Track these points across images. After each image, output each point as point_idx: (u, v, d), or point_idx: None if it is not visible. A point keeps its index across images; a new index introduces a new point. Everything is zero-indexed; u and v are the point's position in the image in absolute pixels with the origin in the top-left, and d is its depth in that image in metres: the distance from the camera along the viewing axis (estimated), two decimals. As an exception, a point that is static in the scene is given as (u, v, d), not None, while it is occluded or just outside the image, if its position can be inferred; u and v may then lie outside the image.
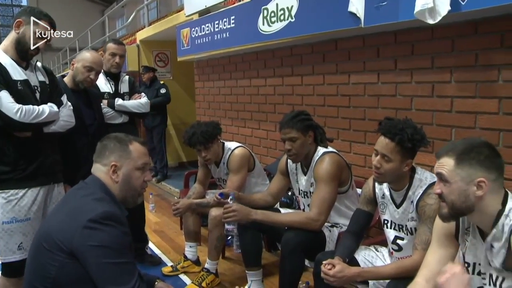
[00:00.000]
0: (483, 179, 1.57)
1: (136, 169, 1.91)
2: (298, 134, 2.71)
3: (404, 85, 3.04)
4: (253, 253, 2.97)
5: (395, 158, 2.14)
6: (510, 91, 2.45)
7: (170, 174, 7.22)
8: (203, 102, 5.86)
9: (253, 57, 4.65)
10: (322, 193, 2.64)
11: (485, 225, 1.65)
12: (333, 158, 2.71)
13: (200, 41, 5.21)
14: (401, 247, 2.33)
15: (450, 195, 1.62)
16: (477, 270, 1.75)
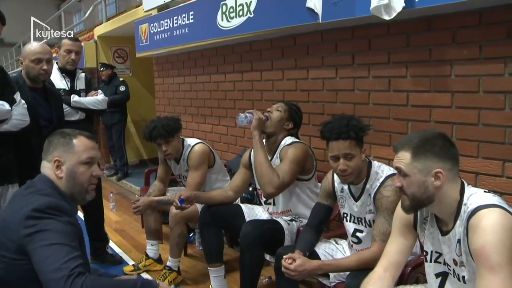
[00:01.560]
0: (440, 169, 1.62)
1: (81, 163, 1.83)
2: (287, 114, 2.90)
3: (361, 80, 3.08)
4: (215, 250, 2.96)
5: (356, 152, 2.21)
6: (462, 86, 2.52)
7: (131, 172, 7.12)
8: (162, 98, 5.80)
9: (212, 53, 4.62)
10: (285, 167, 2.69)
11: (444, 214, 1.71)
12: (301, 149, 2.78)
13: (159, 37, 5.15)
14: (361, 239, 2.38)
15: (410, 188, 1.67)
16: (435, 258, 1.81)
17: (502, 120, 2.36)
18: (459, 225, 1.64)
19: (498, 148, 2.40)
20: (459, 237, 1.64)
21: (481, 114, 2.45)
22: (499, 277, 1.48)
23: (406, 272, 2.15)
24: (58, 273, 1.54)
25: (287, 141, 2.83)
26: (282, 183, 2.63)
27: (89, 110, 3.56)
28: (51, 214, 1.64)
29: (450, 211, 1.68)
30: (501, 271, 1.48)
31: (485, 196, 1.62)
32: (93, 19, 12.48)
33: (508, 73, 2.32)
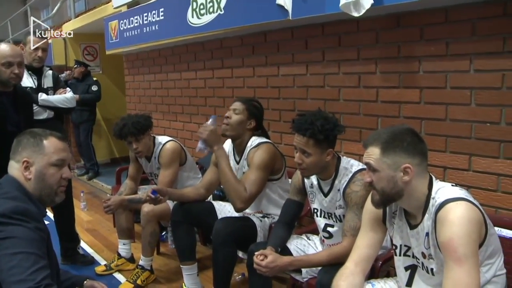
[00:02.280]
0: (408, 164, 1.64)
1: (51, 165, 1.79)
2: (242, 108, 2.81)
3: (332, 76, 3.10)
4: (187, 248, 2.95)
5: (313, 151, 2.19)
6: (430, 82, 2.57)
7: (102, 171, 7.02)
8: (133, 96, 5.74)
9: (183, 50, 4.60)
10: (253, 176, 2.66)
11: (413, 208, 1.74)
12: (268, 149, 2.74)
13: (129, 33, 5.09)
14: (332, 234, 2.39)
15: (380, 183, 1.69)
16: (404, 251, 1.84)
17: (468, 115, 2.41)
18: (428, 218, 1.67)
19: (465, 143, 2.45)
20: (427, 230, 1.68)
21: (448, 110, 2.50)
22: (465, 268, 1.51)
23: (377, 266, 2.18)
24: (23, 285, 1.49)
25: (253, 142, 2.80)
26: (250, 196, 2.61)
27: (57, 109, 3.49)
28: (17, 220, 1.59)
29: (418, 205, 1.71)
30: (467, 262, 1.52)
31: (452, 190, 1.66)
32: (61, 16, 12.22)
33: (474, 70, 2.37)
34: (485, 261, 1.69)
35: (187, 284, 2.97)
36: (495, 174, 2.35)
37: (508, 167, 2.29)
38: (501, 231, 2.12)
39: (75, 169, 7.24)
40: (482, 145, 2.38)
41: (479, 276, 1.57)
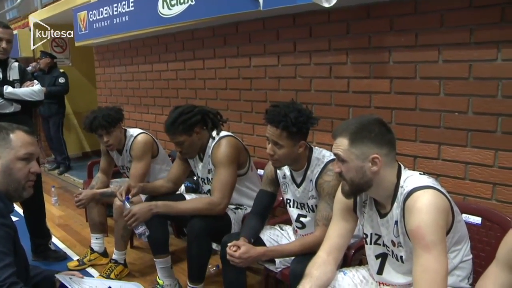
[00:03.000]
0: (376, 155, 1.66)
1: (18, 159, 1.76)
2: (184, 137, 2.67)
3: (303, 67, 3.11)
4: (161, 241, 2.93)
5: (286, 144, 2.19)
6: (399, 72, 2.59)
7: (73, 165, 6.92)
8: (104, 88, 5.66)
9: (154, 41, 4.54)
10: (222, 176, 2.64)
11: (382, 197, 1.76)
12: (229, 142, 2.72)
13: (98, 25, 5.00)
14: (305, 224, 2.41)
15: (349, 173, 1.70)
16: (374, 240, 1.86)
17: (438, 105, 2.45)
18: (396, 207, 1.70)
19: (434, 132, 2.49)
20: (396, 218, 1.70)
21: (418, 100, 2.53)
22: (434, 255, 1.54)
23: (349, 255, 2.21)
24: None
25: (214, 141, 2.77)
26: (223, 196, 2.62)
27: (25, 102, 3.41)
28: None
29: (387, 194, 1.73)
30: (435, 249, 1.55)
31: (420, 178, 1.68)
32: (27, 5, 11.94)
33: (442, 60, 2.40)
34: (452, 247, 1.73)
35: (161, 277, 2.96)
36: (463, 162, 2.40)
37: (475, 155, 2.34)
38: (469, 217, 2.17)
39: (46, 163, 7.12)
40: (451, 134, 2.42)
41: (447, 262, 1.61)
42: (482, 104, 2.29)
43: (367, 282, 1.93)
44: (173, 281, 2.98)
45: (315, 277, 1.76)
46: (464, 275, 1.80)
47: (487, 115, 2.28)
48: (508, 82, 2.19)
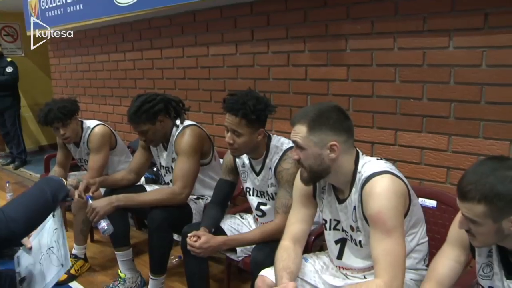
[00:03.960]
0: (334, 142, 1.66)
1: None
2: (147, 125, 2.64)
3: (261, 55, 3.11)
4: (121, 233, 2.88)
5: (245, 132, 2.18)
6: (356, 60, 2.63)
7: (29, 159, 6.71)
8: (60, 80, 5.51)
9: (110, 31, 4.44)
10: (185, 166, 2.62)
11: (341, 183, 1.78)
12: (193, 131, 2.70)
13: (51, 13, 4.83)
14: (265, 212, 2.42)
15: (307, 160, 1.71)
16: (333, 225, 1.89)
17: (394, 91, 2.50)
18: (354, 192, 1.72)
19: (390, 118, 2.53)
20: (354, 204, 1.73)
21: (374, 86, 2.57)
22: (395, 238, 1.58)
23: (310, 241, 2.23)
24: None
25: (178, 129, 2.74)
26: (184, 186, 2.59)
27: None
28: None
29: (346, 180, 1.75)
30: (395, 232, 1.59)
31: (377, 164, 1.71)
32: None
33: (397, 48, 2.44)
34: (409, 230, 1.77)
35: (123, 270, 2.92)
36: (419, 147, 2.46)
37: (430, 140, 2.40)
38: (424, 201, 2.23)
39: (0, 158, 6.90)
40: (407, 120, 2.47)
41: (405, 245, 1.65)
42: (435, 91, 2.35)
43: (327, 268, 1.95)
44: (135, 273, 2.95)
45: (291, 268, 1.76)
46: (420, 257, 1.85)
47: (441, 101, 2.34)
48: (460, 69, 2.25)
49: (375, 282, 1.57)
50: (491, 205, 1.27)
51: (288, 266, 1.76)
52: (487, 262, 1.50)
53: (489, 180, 1.27)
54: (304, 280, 1.86)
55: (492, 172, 1.28)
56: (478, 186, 1.27)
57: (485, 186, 1.26)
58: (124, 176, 2.92)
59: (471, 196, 1.29)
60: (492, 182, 1.26)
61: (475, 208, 1.29)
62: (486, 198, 1.26)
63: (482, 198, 1.27)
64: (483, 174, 1.28)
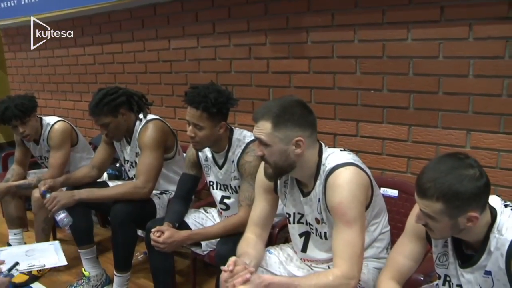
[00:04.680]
0: (300, 137, 1.66)
1: None
2: (109, 118, 2.60)
3: (223, 48, 3.09)
4: (84, 231, 2.84)
5: (206, 125, 2.17)
6: (317, 52, 2.64)
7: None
8: (16, 75, 5.34)
9: (69, 24, 4.32)
10: (148, 160, 2.59)
11: (305, 177, 1.79)
12: (156, 125, 2.66)
13: (4, 4, 4.66)
14: (229, 206, 2.42)
15: (272, 157, 1.70)
16: (297, 219, 1.90)
17: (354, 83, 2.53)
18: (319, 184, 1.73)
19: (352, 110, 2.57)
20: (319, 196, 1.74)
21: (336, 78, 2.60)
22: (354, 230, 1.61)
23: (274, 233, 2.25)
24: None
25: (141, 122, 2.70)
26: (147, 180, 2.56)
27: None
28: None
29: (310, 173, 1.76)
30: (356, 224, 1.62)
31: (341, 155, 1.73)
32: None
33: (358, 40, 2.47)
34: (372, 220, 1.80)
35: (87, 269, 2.88)
36: (380, 138, 2.50)
37: (391, 131, 2.45)
38: (386, 191, 2.27)
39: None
40: (368, 111, 2.51)
41: (365, 236, 1.69)
42: (395, 82, 2.39)
43: (291, 259, 1.97)
44: (100, 271, 2.91)
45: (253, 256, 1.77)
46: (383, 246, 1.89)
47: (401, 92, 2.38)
48: (418, 60, 2.29)
49: (333, 271, 1.60)
50: (448, 204, 1.29)
51: (247, 252, 1.77)
52: (443, 252, 1.55)
53: (447, 179, 1.29)
54: (269, 271, 1.87)
55: (451, 170, 1.30)
56: (437, 185, 1.29)
57: (443, 184, 1.29)
58: (86, 174, 2.87)
59: (429, 194, 1.31)
60: (450, 181, 1.29)
61: (433, 206, 1.32)
62: (444, 197, 1.29)
63: (441, 197, 1.29)
64: (442, 172, 1.30)
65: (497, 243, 1.36)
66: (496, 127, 2.14)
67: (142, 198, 2.57)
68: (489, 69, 2.11)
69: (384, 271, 1.64)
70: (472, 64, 2.14)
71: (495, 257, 1.36)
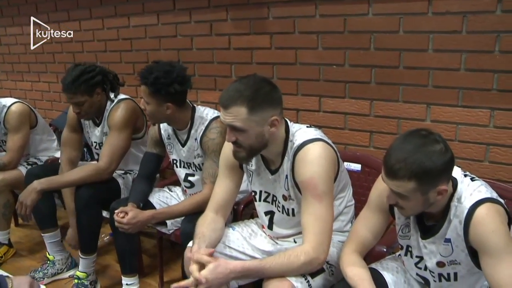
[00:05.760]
0: (275, 117, 1.64)
1: None
2: (85, 97, 2.52)
3: (183, 25, 3.04)
4: (47, 214, 2.77)
5: (151, 101, 2.17)
6: (279, 27, 2.63)
7: None
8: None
9: (21, 0, 4.16)
10: (114, 141, 2.54)
11: (273, 154, 1.78)
12: (128, 105, 2.61)
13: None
14: (193, 183, 2.42)
15: (248, 141, 1.66)
16: (264, 197, 1.91)
17: (316, 58, 2.53)
18: (287, 161, 1.74)
19: (314, 85, 2.58)
20: (287, 173, 1.75)
21: (298, 54, 2.60)
22: (324, 204, 1.64)
23: (239, 210, 2.27)
24: None
25: (112, 103, 2.64)
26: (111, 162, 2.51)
27: None
28: None
29: (278, 150, 1.75)
30: (325, 198, 1.64)
31: (308, 131, 1.74)
32: None
33: (319, 15, 2.47)
34: (338, 194, 1.83)
35: (51, 253, 2.83)
36: (343, 113, 2.52)
37: (353, 105, 2.47)
38: (350, 165, 2.30)
39: None
40: (330, 86, 2.52)
41: (334, 210, 1.72)
42: (357, 57, 2.40)
43: (256, 235, 1.99)
44: (65, 254, 2.87)
45: (207, 236, 1.77)
46: (347, 219, 1.93)
47: (362, 67, 2.40)
48: (379, 35, 2.31)
49: (304, 248, 1.62)
50: (420, 181, 1.31)
51: (202, 232, 1.77)
52: (406, 223, 1.59)
53: (416, 157, 1.30)
54: (230, 247, 1.89)
55: (418, 149, 1.32)
56: (407, 165, 1.30)
57: (414, 164, 1.30)
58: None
59: (401, 174, 1.32)
60: (420, 159, 1.30)
61: (406, 185, 1.33)
62: (416, 176, 1.31)
63: (413, 176, 1.31)
64: (410, 152, 1.31)
65: (456, 211, 1.40)
66: (454, 101, 2.19)
67: (105, 180, 2.53)
68: (447, 44, 2.14)
69: (347, 244, 1.67)
70: (432, 38, 2.17)
71: (454, 224, 1.41)
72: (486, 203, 1.37)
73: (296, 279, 1.62)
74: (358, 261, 1.61)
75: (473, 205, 1.37)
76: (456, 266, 1.48)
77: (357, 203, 2.00)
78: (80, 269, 2.61)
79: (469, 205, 1.37)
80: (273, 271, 1.61)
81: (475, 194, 1.39)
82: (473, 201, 1.37)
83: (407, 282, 1.67)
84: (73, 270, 2.81)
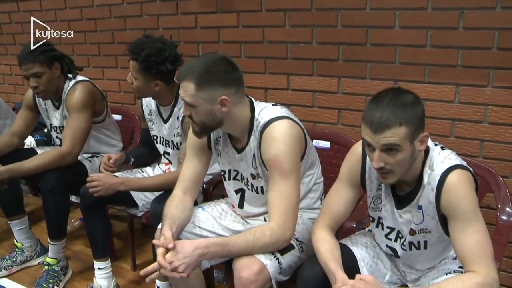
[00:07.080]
0: (225, 96, 1.63)
1: None
2: (43, 68, 2.45)
3: (149, 4, 2.99)
4: (13, 201, 2.72)
5: (138, 77, 2.16)
6: (246, 5, 2.61)
7: None
8: None
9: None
10: (75, 123, 2.49)
11: (238, 132, 1.78)
12: (85, 87, 2.56)
13: None
14: (170, 161, 2.40)
15: (198, 116, 1.67)
16: (233, 175, 1.91)
17: (284, 36, 2.52)
18: (253, 139, 1.74)
19: (282, 63, 2.57)
20: (254, 151, 1.75)
21: (265, 32, 2.58)
22: (290, 181, 1.64)
23: (209, 190, 2.26)
24: None
25: (69, 84, 2.58)
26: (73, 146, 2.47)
27: None
28: None
29: (243, 129, 1.75)
30: (291, 175, 1.64)
31: (274, 109, 1.73)
32: None
33: (286, -9, 2.45)
34: (306, 172, 1.84)
35: (19, 240, 2.78)
36: (311, 91, 2.53)
37: (321, 83, 2.48)
38: (319, 142, 2.32)
39: None
40: (298, 64, 2.52)
41: (300, 188, 1.72)
42: (324, 34, 2.40)
43: (226, 214, 1.99)
44: (34, 241, 2.82)
45: (176, 217, 1.76)
46: (316, 196, 1.95)
47: (330, 45, 2.40)
48: (346, 12, 2.31)
49: (269, 225, 1.63)
50: (410, 125, 1.34)
51: (171, 213, 1.77)
52: (377, 195, 1.61)
53: (398, 103, 1.34)
54: (200, 227, 1.89)
55: (395, 99, 1.35)
56: (395, 112, 1.33)
57: (398, 109, 1.33)
58: (7, 143, 2.68)
59: (391, 122, 1.33)
60: (402, 105, 1.34)
61: (399, 131, 1.34)
62: (405, 119, 1.33)
63: (403, 120, 1.33)
64: (389, 104, 1.34)
65: (428, 178, 1.44)
66: (421, 77, 2.21)
67: (69, 164, 2.48)
68: (413, 20, 2.16)
69: (319, 219, 1.69)
70: (398, 15, 2.18)
71: (426, 191, 1.45)
72: (457, 169, 1.41)
73: (265, 256, 1.63)
74: (330, 237, 1.62)
75: (445, 172, 1.41)
76: (426, 235, 1.53)
77: (326, 180, 2.02)
78: (50, 255, 2.57)
79: (441, 172, 1.41)
80: (239, 247, 1.61)
81: (446, 162, 1.43)
82: (444, 168, 1.41)
83: (376, 256, 1.70)
84: (43, 257, 2.77)
